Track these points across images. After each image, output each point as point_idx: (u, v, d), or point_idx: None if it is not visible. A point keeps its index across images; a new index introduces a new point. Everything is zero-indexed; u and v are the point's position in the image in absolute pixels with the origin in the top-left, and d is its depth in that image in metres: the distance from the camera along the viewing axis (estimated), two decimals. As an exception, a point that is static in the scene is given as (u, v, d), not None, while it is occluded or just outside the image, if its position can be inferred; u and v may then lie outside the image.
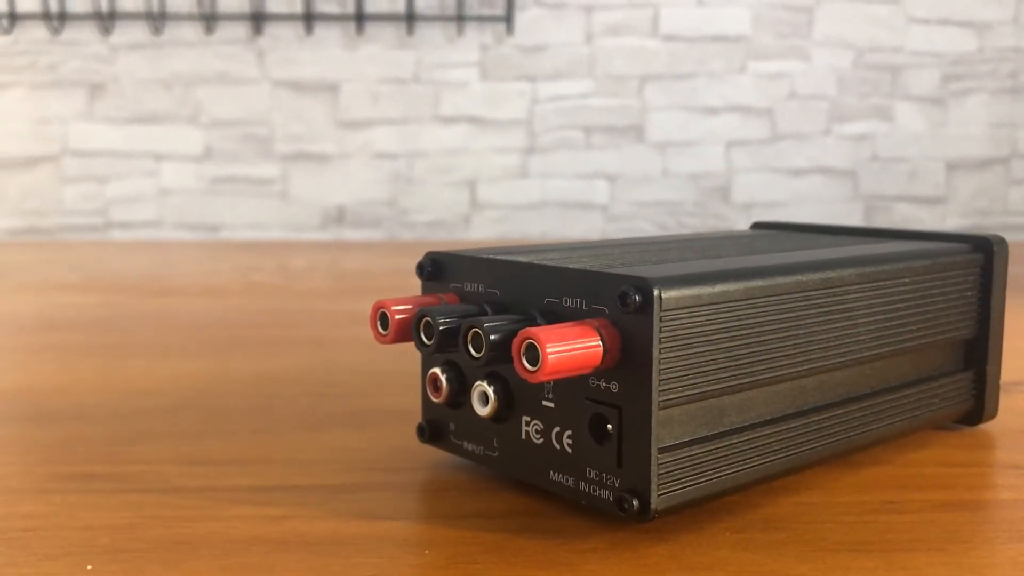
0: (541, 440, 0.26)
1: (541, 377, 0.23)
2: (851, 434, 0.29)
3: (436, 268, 0.29)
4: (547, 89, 1.26)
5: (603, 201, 1.28)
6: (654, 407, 0.23)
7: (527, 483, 0.27)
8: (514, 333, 0.23)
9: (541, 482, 0.26)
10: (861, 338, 0.28)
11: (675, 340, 0.23)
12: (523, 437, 0.27)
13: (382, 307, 0.27)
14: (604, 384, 0.24)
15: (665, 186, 1.29)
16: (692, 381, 0.24)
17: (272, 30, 1.23)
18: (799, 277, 0.26)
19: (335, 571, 0.22)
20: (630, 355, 0.23)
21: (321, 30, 1.23)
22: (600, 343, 0.23)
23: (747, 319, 0.25)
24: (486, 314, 0.26)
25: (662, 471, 0.23)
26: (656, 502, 0.23)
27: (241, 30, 1.23)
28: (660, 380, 0.23)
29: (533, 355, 0.23)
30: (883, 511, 0.26)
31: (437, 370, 0.28)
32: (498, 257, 0.27)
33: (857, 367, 0.29)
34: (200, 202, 1.26)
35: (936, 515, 0.26)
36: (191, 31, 1.22)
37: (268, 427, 0.34)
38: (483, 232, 1.27)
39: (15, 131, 1.22)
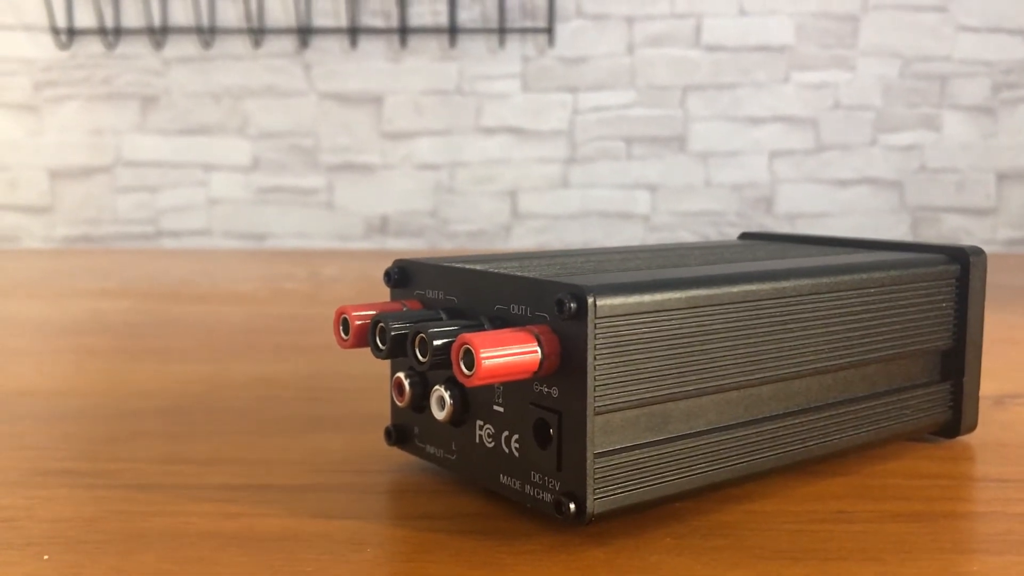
0: (492, 444, 0.27)
1: (476, 381, 0.23)
2: (811, 443, 0.29)
3: (402, 275, 0.30)
4: (588, 100, 1.26)
5: (644, 211, 1.28)
6: (589, 412, 0.24)
7: (481, 486, 0.27)
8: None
9: (493, 485, 0.27)
10: (821, 348, 0.29)
11: (612, 347, 0.24)
12: (477, 441, 0.27)
13: (344, 313, 0.28)
14: (546, 389, 0.25)
15: (707, 196, 1.28)
16: (631, 388, 0.24)
17: (318, 43, 1.25)
18: (747, 287, 0.26)
19: (274, 567, 0.23)
20: (568, 361, 0.24)
21: (366, 43, 1.25)
22: (538, 349, 0.24)
23: (691, 328, 0.25)
24: (440, 320, 0.27)
25: (599, 475, 0.24)
26: (592, 506, 0.24)
27: (288, 44, 1.25)
28: (596, 386, 0.24)
29: (470, 360, 0.23)
30: (832, 520, 0.26)
31: (401, 375, 0.29)
32: (455, 265, 0.28)
33: (817, 377, 0.29)
34: (248, 211, 1.29)
35: (885, 526, 0.26)
36: (240, 45, 1.25)
37: (253, 429, 0.35)
38: (524, 242, 1.28)
39: (71, 142, 1.26)
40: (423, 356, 0.25)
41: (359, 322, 0.28)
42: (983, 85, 1.25)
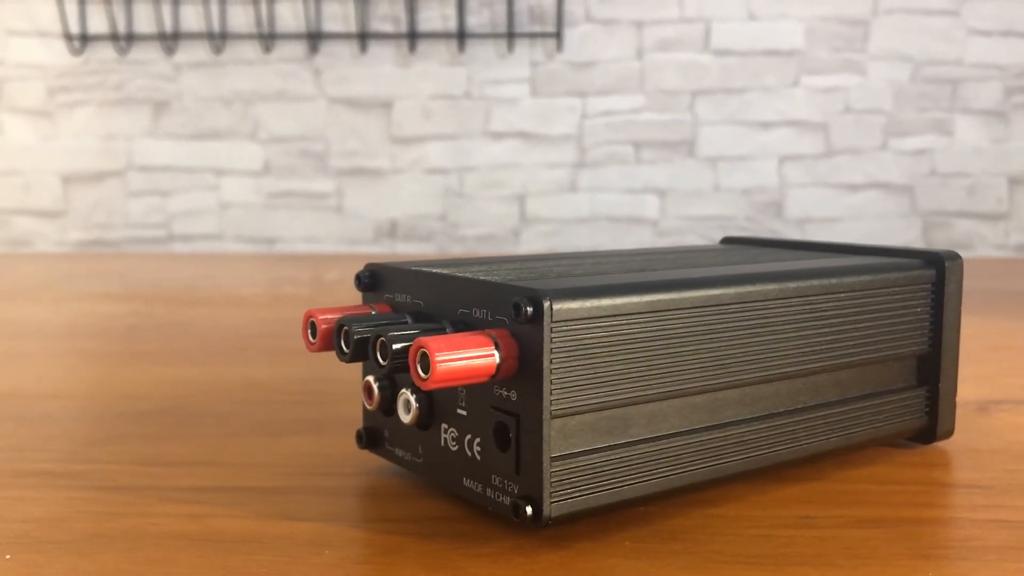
0: (456, 447, 0.27)
1: (432, 384, 0.23)
2: (779, 448, 0.29)
3: (373, 279, 0.30)
4: (597, 104, 1.26)
5: (653, 216, 1.28)
6: (546, 416, 0.24)
7: (446, 489, 0.28)
8: (415, 342, 0.24)
9: (456, 488, 0.27)
10: (789, 352, 0.28)
11: (569, 351, 0.24)
12: (442, 444, 0.27)
13: (311, 316, 0.28)
14: (506, 393, 0.25)
15: (717, 201, 1.28)
16: (590, 391, 0.24)
17: (328, 48, 1.26)
18: (711, 291, 0.26)
19: (230, 567, 0.23)
20: (526, 365, 0.24)
21: (375, 48, 1.26)
22: (495, 353, 0.24)
23: (652, 332, 0.25)
24: (404, 324, 0.27)
25: (556, 479, 0.24)
26: (549, 509, 0.24)
27: (298, 49, 1.26)
28: (553, 390, 0.24)
29: (426, 363, 0.23)
30: (795, 526, 0.26)
31: (371, 379, 0.29)
32: (421, 269, 0.28)
33: (786, 381, 0.29)
34: (259, 216, 1.29)
35: (847, 531, 0.26)
36: (250, 50, 1.26)
37: (234, 432, 0.35)
38: (532, 246, 1.28)
39: (84, 147, 1.27)
40: (384, 359, 0.25)
41: (325, 326, 0.28)
42: (995, 89, 1.24)
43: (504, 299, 0.24)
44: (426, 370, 0.23)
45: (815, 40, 1.25)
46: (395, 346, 0.25)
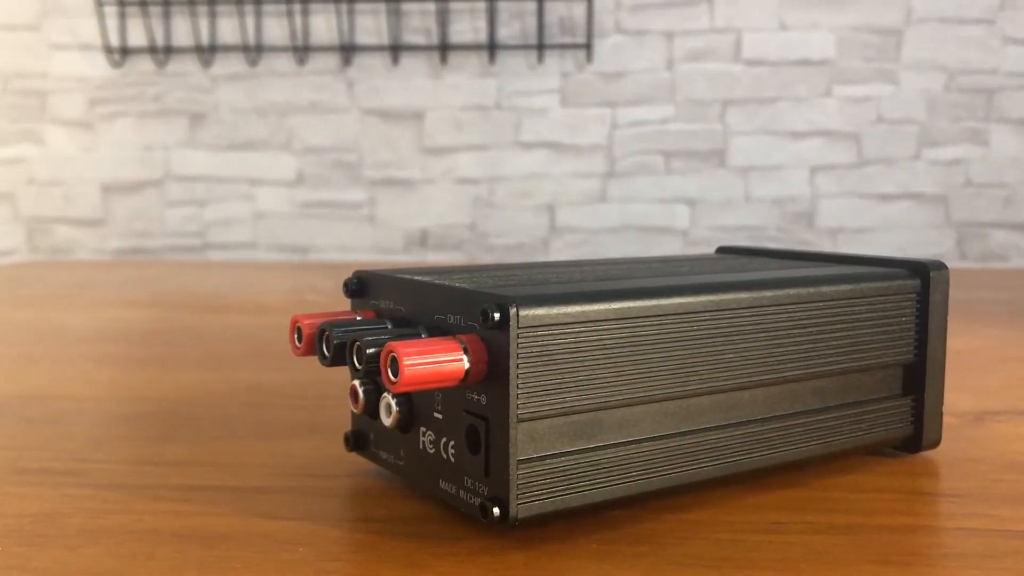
0: (433, 450, 0.27)
1: (401, 387, 0.24)
2: (754, 455, 0.29)
3: (360, 286, 0.31)
4: (627, 114, 1.27)
5: (683, 226, 1.28)
6: (512, 419, 0.24)
7: (425, 491, 0.28)
8: (387, 347, 0.25)
9: (434, 490, 0.27)
10: (765, 360, 0.29)
11: (535, 356, 0.24)
12: (421, 447, 0.28)
13: (297, 321, 0.29)
14: (476, 397, 0.25)
15: (747, 211, 1.28)
16: (557, 396, 0.25)
17: (361, 61, 1.28)
18: (681, 300, 0.27)
19: (206, 562, 0.24)
20: (494, 369, 0.25)
21: (407, 60, 1.28)
22: (463, 357, 0.25)
23: (621, 339, 0.26)
24: (383, 329, 0.28)
25: (522, 481, 0.25)
26: (516, 510, 0.25)
27: (332, 61, 1.28)
28: (519, 394, 0.24)
29: (395, 367, 0.24)
30: (765, 531, 0.26)
31: (356, 382, 0.30)
32: (403, 276, 0.29)
33: (762, 389, 0.29)
34: (292, 225, 1.31)
35: (814, 537, 0.26)
36: (285, 63, 1.28)
37: (232, 434, 0.36)
38: (561, 256, 1.28)
39: (124, 157, 1.30)
40: (359, 363, 0.26)
41: (309, 331, 0.29)
42: (1031, 98, 1.23)
43: (474, 305, 0.25)
44: (396, 373, 0.24)
45: (847, 50, 1.24)
46: (368, 350, 0.26)
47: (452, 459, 0.27)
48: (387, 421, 0.28)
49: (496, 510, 0.25)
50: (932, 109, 1.24)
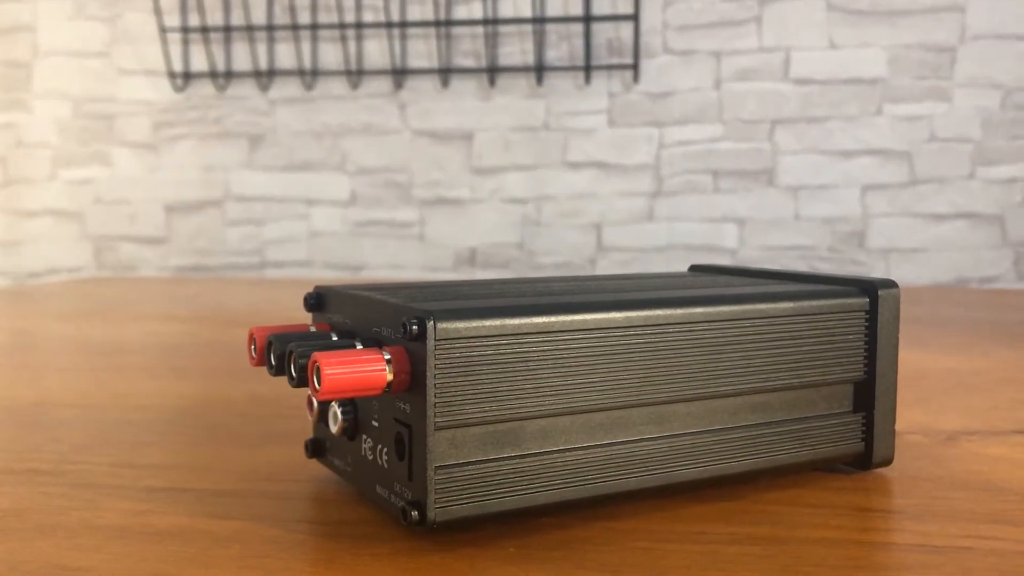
0: (372, 456, 0.29)
1: (323, 396, 0.26)
2: (688, 467, 0.30)
3: (319, 300, 0.32)
4: (674, 134, 1.27)
5: (732, 245, 1.27)
6: (430, 427, 0.26)
7: (366, 496, 0.30)
8: (316, 357, 0.26)
9: (372, 495, 0.29)
10: (697, 375, 0.30)
11: (453, 367, 0.26)
12: (363, 454, 0.29)
13: (253, 333, 0.31)
14: (403, 405, 0.27)
15: (797, 231, 1.27)
16: (477, 406, 0.26)
17: (412, 84, 1.31)
18: (602, 315, 0.28)
19: (144, 555, 0.26)
20: (415, 380, 0.26)
21: (457, 83, 1.30)
22: (385, 367, 0.26)
23: (543, 352, 0.27)
24: (325, 342, 0.29)
25: (440, 486, 0.26)
26: (434, 514, 0.26)
27: (384, 84, 1.31)
28: (437, 403, 0.26)
29: (319, 375, 0.26)
30: (682, 540, 0.27)
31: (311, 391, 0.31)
32: (352, 292, 0.30)
33: (697, 403, 0.30)
34: (346, 244, 1.35)
35: (728, 547, 0.26)
36: (339, 86, 1.32)
37: (213, 440, 0.38)
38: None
39: (186, 178, 1.35)
40: (294, 373, 0.28)
41: (261, 343, 0.31)
42: (1092, 115, 1.20)
43: (398, 318, 0.26)
44: (319, 382, 0.26)
45: (899, 68, 1.23)
46: (300, 361, 0.27)
47: (385, 465, 0.28)
48: (333, 428, 0.30)
49: (415, 513, 0.26)
50: (987, 127, 1.22)
